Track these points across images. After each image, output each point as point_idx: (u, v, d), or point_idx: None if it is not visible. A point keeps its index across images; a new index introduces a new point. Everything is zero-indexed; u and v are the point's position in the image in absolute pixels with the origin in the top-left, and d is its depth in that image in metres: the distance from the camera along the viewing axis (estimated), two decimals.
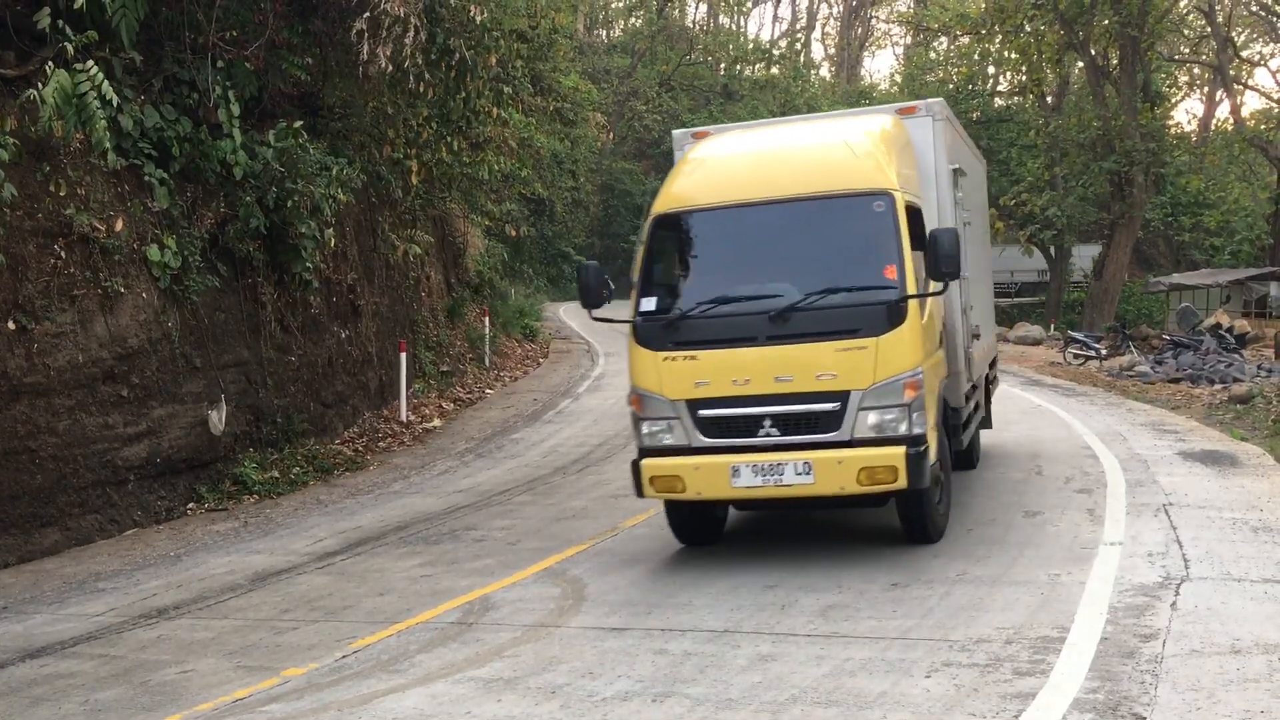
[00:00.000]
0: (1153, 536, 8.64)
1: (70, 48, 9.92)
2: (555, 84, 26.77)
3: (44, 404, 10.72)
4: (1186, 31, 48.45)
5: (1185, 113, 63.47)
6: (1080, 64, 40.21)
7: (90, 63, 9.90)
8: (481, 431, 17.78)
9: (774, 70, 69.35)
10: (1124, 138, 34.82)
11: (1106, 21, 35.57)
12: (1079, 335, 27.58)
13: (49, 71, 9.64)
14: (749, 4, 76.65)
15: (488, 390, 22.24)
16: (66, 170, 11.01)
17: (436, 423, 18.26)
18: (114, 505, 11.59)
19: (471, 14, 14.90)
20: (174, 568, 10.03)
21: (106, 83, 9.89)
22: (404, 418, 17.80)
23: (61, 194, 10.89)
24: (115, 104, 10.22)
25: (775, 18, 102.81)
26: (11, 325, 10.32)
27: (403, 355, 17.99)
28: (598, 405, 20.03)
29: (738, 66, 71.78)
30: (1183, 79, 53.11)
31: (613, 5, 70.39)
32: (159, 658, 7.24)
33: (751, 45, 73.84)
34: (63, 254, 10.93)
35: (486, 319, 25.82)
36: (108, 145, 10.17)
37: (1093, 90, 38.11)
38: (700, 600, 7.61)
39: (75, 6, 10.29)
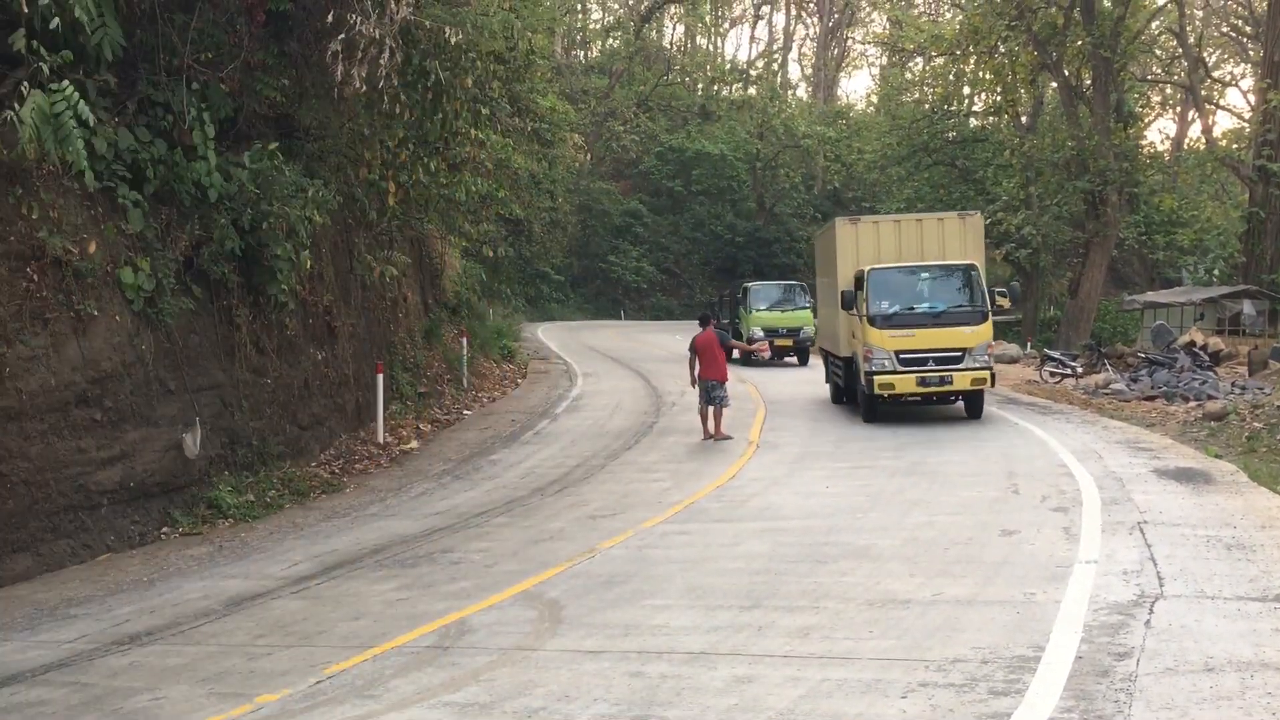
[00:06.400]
0: (1128, 554, 8.68)
1: (45, 68, 9.87)
2: (532, 105, 26.78)
3: (15, 428, 10.62)
4: (1159, 52, 49.09)
5: (1158, 132, 64.15)
6: (1054, 84, 40.63)
7: (66, 83, 9.84)
8: (459, 453, 17.72)
9: (751, 91, 69.72)
10: (1097, 157, 35.18)
11: (1079, 42, 36.02)
12: (1055, 353, 27.74)
13: (24, 92, 9.58)
14: (726, 25, 77.19)
15: (465, 411, 22.17)
16: (39, 193, 10.94)
17: (414, 444, 18.18)
18: (86, 530, 11.48)
19: (447, 35, 14.90)
20: (147, 593, 9.93)
21: (83, 103, 9.84)
22: (381, 439, 17.72)
23: (34, 217, 10.82)
24: (91, 125, 10.17)
25: (752, 38, 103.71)
26: None
27: (379, 377, 17.92)
28: (576, 426, 19.99)
29: (715, 87, 72.17)
30: (1155, 99, 53.62)
31: (590, 27, 70.76)
32: (131, 685, 7.17)
33: (729, 66, 74.29)
34: (35, 277, 10.85)
35: (464, 340, 25.74)
36: (85, 166, 10.09)
37: (1066, 110, 38.53)
38: (677, 622, 7.59)
39: (50, 27, 10.24)
